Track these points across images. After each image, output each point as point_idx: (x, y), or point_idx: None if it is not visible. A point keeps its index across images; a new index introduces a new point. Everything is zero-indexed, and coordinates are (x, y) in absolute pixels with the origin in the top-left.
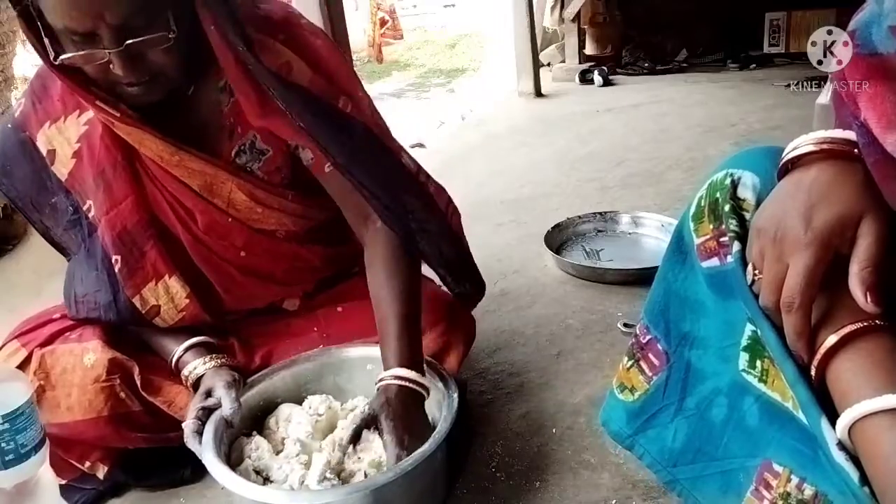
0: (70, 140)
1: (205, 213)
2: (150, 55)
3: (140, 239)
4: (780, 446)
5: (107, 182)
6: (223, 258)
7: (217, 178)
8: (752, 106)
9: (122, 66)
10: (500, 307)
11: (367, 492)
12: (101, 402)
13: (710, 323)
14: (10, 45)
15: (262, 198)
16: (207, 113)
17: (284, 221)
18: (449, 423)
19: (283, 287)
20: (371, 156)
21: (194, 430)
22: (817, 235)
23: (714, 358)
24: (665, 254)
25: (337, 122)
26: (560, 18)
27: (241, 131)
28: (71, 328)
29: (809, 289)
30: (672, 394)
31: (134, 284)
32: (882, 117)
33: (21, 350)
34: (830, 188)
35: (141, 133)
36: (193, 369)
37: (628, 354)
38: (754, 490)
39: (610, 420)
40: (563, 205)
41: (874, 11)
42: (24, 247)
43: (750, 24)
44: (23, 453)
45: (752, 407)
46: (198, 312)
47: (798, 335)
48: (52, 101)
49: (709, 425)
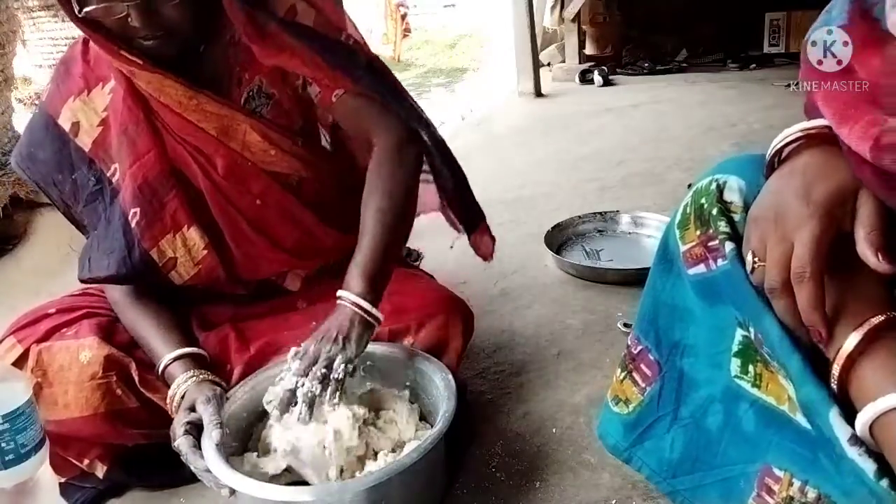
0: (97, 110)
1: (224, 157)
2: (164, 10)
3: (161, 190)
4: (778, 450)
5: (130, 138)
6: (239, 209)
7: (233, 120)
8: (752, 106)
9: (139, 18)
10: (500, 307)
11: (365, 488)
12: (98, 399)
13: (700, 330)
14: (10, 45)
15: (274, 139)
16: (217, 66)
17: (296, 166)
18: (447, 420)
19: (291, 258)
20: (379, 76)
21: (192, 446)
22: (819, 206)
23: (706, 365)
24: (652, 263)
25: (344, 51)
26: (560, 18)
27: (248, 77)
28: (67, 324)
29: (819, 257)
30: (667, 404)
31: (152, 236)
32: (835, 114)
33: (17, 346)
34: (823, 168)
35: (162, 79)
36: (177, 388)
37: (621, 366)
38: (756, 496)
39: (607, 433)
40: (563, 205)
41: (825, 20)
42: (24, 247)
43: (750, 24)
44: (23, 453)
45: (748, 412)
46: (214, 265)
47: (813, 307)
48: (75, 79)
49: (705, 433)
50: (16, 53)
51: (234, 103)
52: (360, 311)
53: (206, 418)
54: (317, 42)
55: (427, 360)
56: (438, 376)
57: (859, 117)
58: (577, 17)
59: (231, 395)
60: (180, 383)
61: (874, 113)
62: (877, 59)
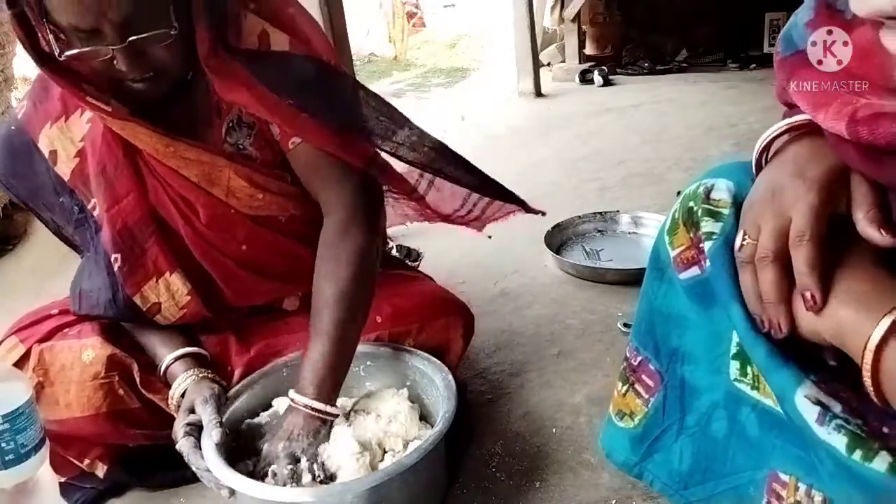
0: (74, 139)
1: (207, 206)
2: (153, 51)
3: (141, 236)
4: (783, 455)
5: (108, 179)
6: (224, 253)
7: (214, 166)
8: (752, 106)
9: (126, 61)
10: (500, 307)
11: (365, 489)
12: (100, 399)
13: (696, 336)
14: (10, 45)
15: (260, 182)
16: (199, 98)
17: (286, 206)
18: (448, 420)
19: (283, 285)
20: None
21: (194, 446)
22: (815, 181)
23: (706, 371)
24: (646, 272)
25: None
26: (560, 18)
27: (226, 107)
28: (70, 324)
29: (819, 222)
30: (672, 413)
31: (135, 282)
32: (809, 102)
33: (19, 346)
34: (813, 153)
35: (134, 126)
36: (177, 387)
37: (621, 379)
38: (766, 502)
39: (614, 450)
40: (563, 205)
41: (793, 20)
42: (24, 247)
43: (750, 24)
44: (23, 453)
45: (751, 416)
46: (199, 310)
47: (811, 268)
48: (53, 101)
49: (712, 441)
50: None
51: (216, 141)
52: (313, 412)
53: (206, 418)
54: (283, 78)
55: (427, 361)
56: (438, 377)
57: (831, 100)
58: (577, 17)
59: (231, 394)
60: (180, 382)
61: (844, 96)
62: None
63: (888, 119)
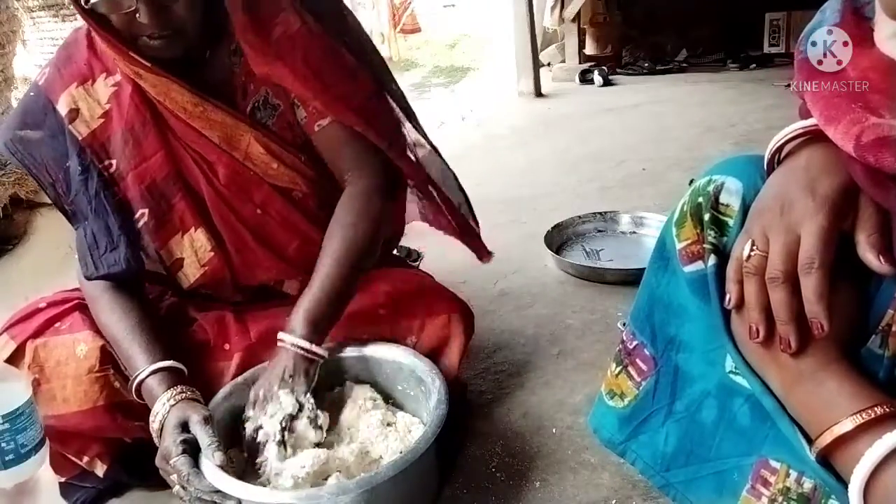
0: (100, 101)
1: (227, 167)
2: (175, 7)
3: (168, 191)
4: (775, 442)
5: (136, 138)
6: (240, 216)
7: (237, 130)
8: (752, 106)
9: (149, 15)
10: (500, 307)
11: (359, 491)
12: (97, 392)
13: (694, 327)
14: (10, 45)
15: (277, 152)
16: (221, 76)
17: (298, 181)
18: (439, 422)
19: (288, 267)
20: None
21: (192, 466)
22: (826, 200)
23: (700, 361)
24: (649, 260)
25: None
26: (560, 18)
27: (253, 88)
28: (59, 317)
29: (827, 248)
30: (662, 398)
31: (161, 237)
32: (822, 115)
33: (10, 342)
34: (826, 164)
35: (168, 83)
36: (156, 416)
37: (615, 360)
38: (750, 488)
39: (601, 427)
40: (563, 205)
41: (818, 20)
42: (24, 247)
43: (750, 24)
44: (23, 453)
45: (743, 407)
46: (220, 267)
47: (818, 296)
48: (79, 65)
49: (700, 427)
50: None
51: (241, 113)
52: (301, 351)
53: (205, 441)
54: (321, 56)
55: (420, 361)
56: (430, 378)
57: (842, 117)
58: (577, 17)
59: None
60: (159, 410)
61: (856, 111)
62: (866, 57)
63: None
